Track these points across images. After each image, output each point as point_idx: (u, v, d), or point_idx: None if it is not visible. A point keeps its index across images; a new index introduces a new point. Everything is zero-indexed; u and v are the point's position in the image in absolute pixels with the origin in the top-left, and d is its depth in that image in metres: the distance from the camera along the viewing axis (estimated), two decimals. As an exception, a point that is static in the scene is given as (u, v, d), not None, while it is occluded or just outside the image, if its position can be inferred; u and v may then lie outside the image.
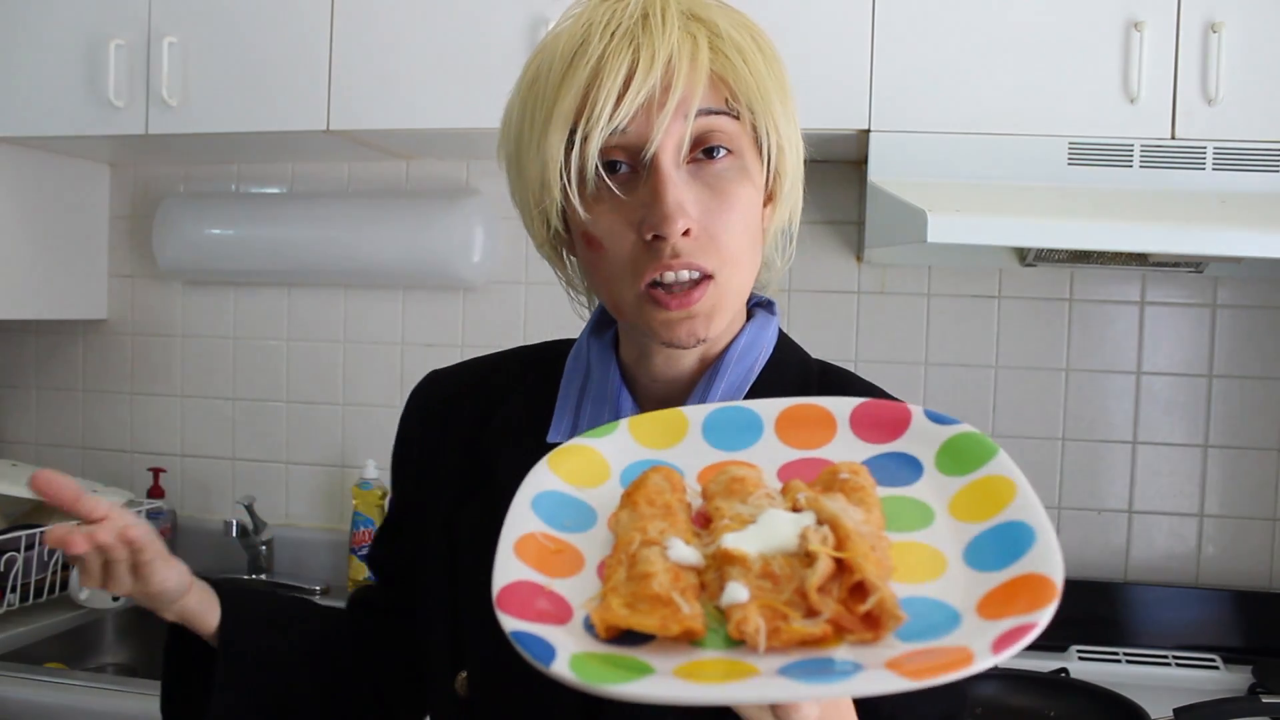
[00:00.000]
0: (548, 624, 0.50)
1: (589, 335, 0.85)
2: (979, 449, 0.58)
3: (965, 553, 0.52)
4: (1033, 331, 1.94)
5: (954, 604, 0.49)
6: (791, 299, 2.00)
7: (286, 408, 2.25)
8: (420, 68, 1.78)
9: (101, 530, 0.75)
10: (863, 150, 1.70)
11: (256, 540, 2.12)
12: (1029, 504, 0.53)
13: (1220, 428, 1.90)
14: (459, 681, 0.80)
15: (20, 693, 1.60)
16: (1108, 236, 1.45)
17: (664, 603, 0.49)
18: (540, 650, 0.48)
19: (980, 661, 0.44)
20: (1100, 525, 1.93)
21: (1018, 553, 0.51)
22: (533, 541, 0.55)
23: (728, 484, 0.57)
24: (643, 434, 0.64)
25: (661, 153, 0.70)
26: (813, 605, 0.48)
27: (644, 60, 0.68)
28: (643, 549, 0.52)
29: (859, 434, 0.62)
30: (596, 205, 0.72)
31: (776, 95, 0.73)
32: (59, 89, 1.93)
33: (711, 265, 0.71)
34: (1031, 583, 0.49)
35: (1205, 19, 1.56)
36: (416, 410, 0.92)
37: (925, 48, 1.64)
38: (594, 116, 0.68)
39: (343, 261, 2.11)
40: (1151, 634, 1.83)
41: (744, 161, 0.73)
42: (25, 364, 2.39)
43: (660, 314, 0.72)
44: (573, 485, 0.60)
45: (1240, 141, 1.56)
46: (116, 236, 2.33)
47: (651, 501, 0.56)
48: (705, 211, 0.71)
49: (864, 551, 0.49)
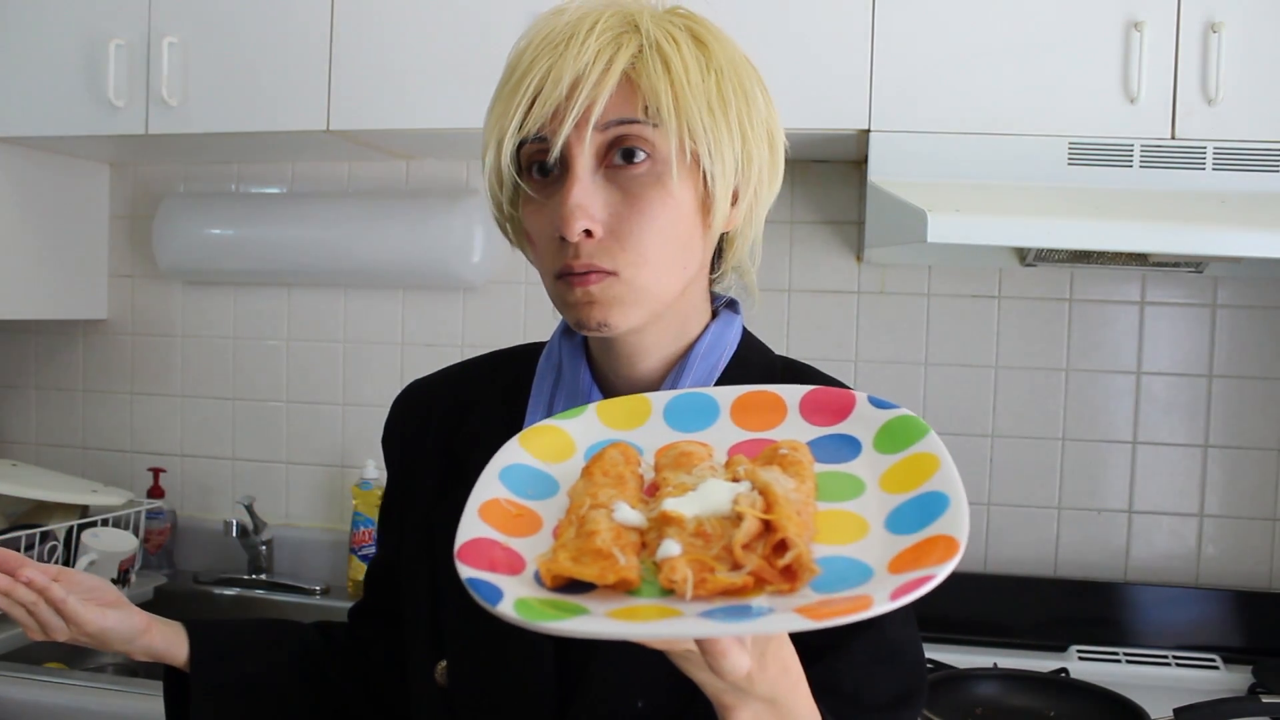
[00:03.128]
0: (500, 574, 0.56)
1: (560, 336, 0.88)
2: (912, 429, 0.63)
3: (887, 520, 0.58)
4: (1033, 331, 1.94)
5: (869, 562, 0.54)
6: (791, 299, 2.00)
7: (286, 408, 2.25)
8: (420, 68, 1.78)
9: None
10: (863, 150, 1.70)
11: (256, 540, 2.12)
12: (949, 477, 0.58)
13: (1220, 428, 1.90)
14: (439, 671, 0.83)
15: (20, 693, 1.60)
16: (1108, 236, 1.45)
17: (604, 556, 0.53)
18: (489, 593, 0.53)
19: (877, 607, 0.49)
20: (1100, 525, 1.93)
21: (931, 517, 0.56)
22: (496, 506, 0.61)
23: (676, 458, 0.63)
24: (609, 416, 0.70)
25: (568, 159, 0.74)
26: (737, 559, 0.52)
27: (554, 73, 0.73)
28: (591, 511, 0.57)
29: (807, 418, 0.68)
30: (527, 205, 0.78)
31: (709, 101, 0.74)
32: (59, 89, 1.93)
33: (613, 265, 0.75)
34: (938, 542, 0.53)
35: (1205, 19, 1.56)
36: (396, 418, 0.95)
37: (925, 48, 1.64)
38: (510, 125, 0.74)
39: (343, 261, 2.11)
40: (1151, 634, 1.83)
41: (663, 169, 0.75)
42: (25, 364, 2.39)
43: (569, 295, 0.76)
44: (539, 460, 0.66)
45: (1240, 141, 1.56)
46: (116, 236, 2.33)
47: (606, 472, 0.61)
48: (614, 215, 0.75)
49: (788, 514, 0.54)
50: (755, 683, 0.59)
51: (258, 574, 2.13)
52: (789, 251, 2.00)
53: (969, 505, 0.56)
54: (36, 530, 1.89)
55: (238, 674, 0.90)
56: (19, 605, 0.84)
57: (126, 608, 0.87)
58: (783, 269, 2.00)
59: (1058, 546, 1.94)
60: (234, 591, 2.11)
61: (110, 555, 1.91)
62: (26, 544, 1.85)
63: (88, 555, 1.88)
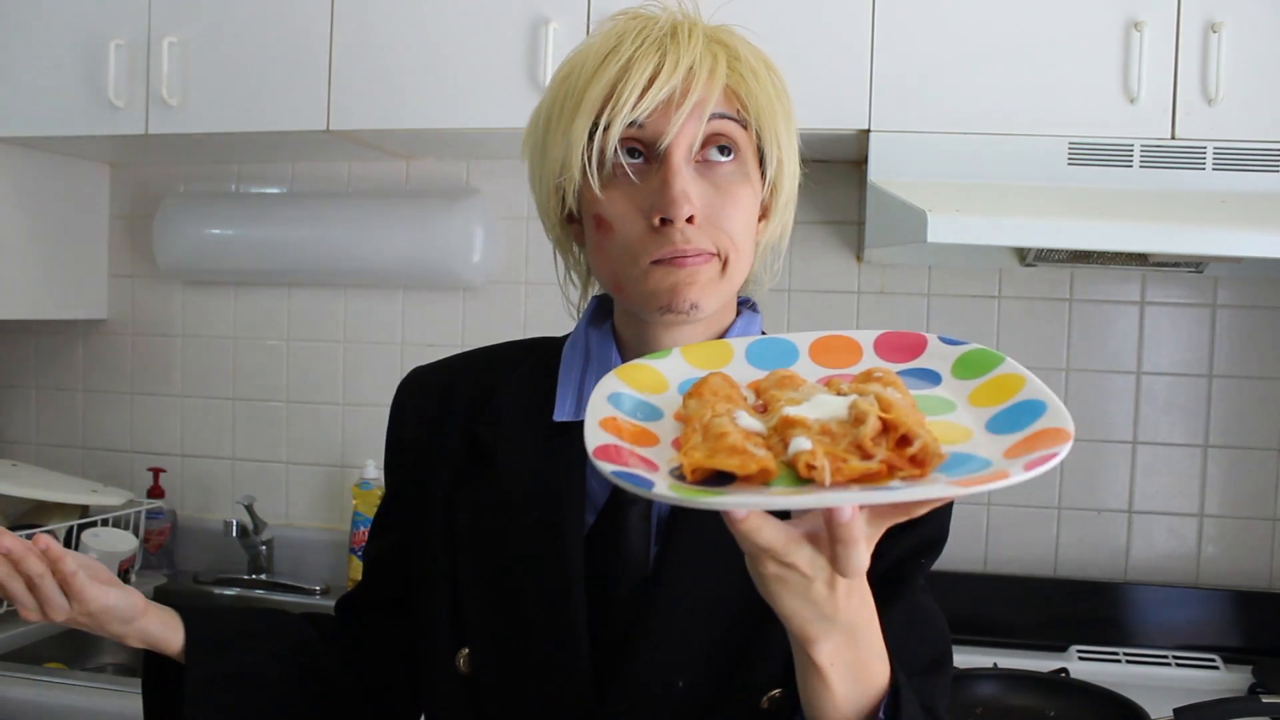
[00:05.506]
0: (642, 469, 0.57)
1: (586, 326, 0.89)
2: (989, 358, 0.65)
3: (987, 425, 0.60)
4: (1033, 331, 1.94)
5: (984, 455, 0.57)
6: (791, 299, 2.00)
7: (286, 408, 2.25)
8: (420, 68, 1.78)
9: (5, 537, 0.78)
10: (863, 150, 1.70)
11: (256, 540, 2.12)
12: (1038, 388, 0.61)
13: (1220, 428, 1.90)
14: (461, 659, 0.83)
15: (20, 693, 1.60)
16: (1108, 236, 1.45)
17: (739, 450, 0.55)
18: (640, 481, 0.54)
19: (1014, 477, 0.52)
20: (1100, 525, 1.93)
21: (1033, 418, 0.58)
22: (612, 423, 0.62)
23: (779, 380, 0.65)
24: (694, 358, 0.71)
25: (674, 146, 0.77)
26: (867, 450, 0.55)
27: (669, 64, 0.76)
28: (714, 419, 0.58)
29: (882, 356, 0.70)
30: (610, 189, 0.79)
31: (782, 118, 0.82)
32: (59, 89, 1.93)
33: (715, 247, 0.78)
34: (1049, 432, 0.56)
35: (1205, 19, 1.56)
36: (409, 402, 0.94)
37: (925, 48, 1.64)
38: (618, 106, 0.76)
39: (343, 261, 2.11)
40: (1151, 634, 1.83)
41: (747, 168, 0.80)
42: (25, 364, 2.39)
43: (668, 278, 0.77)
44: (638, 390, 0.67)
45: (1240, 141, 1.56)
46: (116, 236, 2.33)
47: (715, 392, 0.63)
48: (708, 204, 0.78)
49: (906, 412, 0.57)
50: (840, 609, 0.61)
51: (258, 574, 2.13)
52: (789, 251, 2.00)
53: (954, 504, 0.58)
54: (36, 530, 1.89)
55: (235, 664, 0.88)
56: (20, 579, 0.79)
57: (125, 587, 0.85)
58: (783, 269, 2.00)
59: (1058, 546, 1.94)
60: (234, 591, 2.11)
61: (110, 555, 1.92)
62: (26, 544, 1.85)
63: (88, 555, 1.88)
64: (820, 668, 0.64)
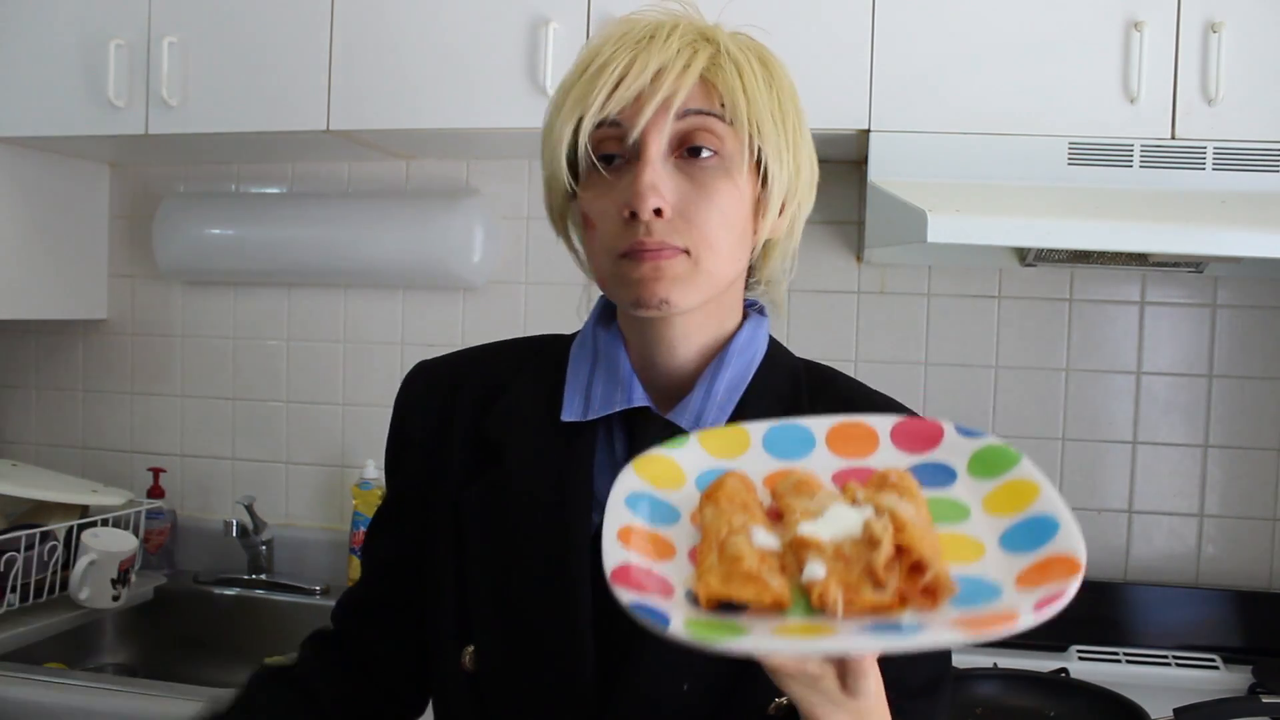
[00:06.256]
0: (655, 596, 0.58)
1: (594, 325, 0.90)
2: (1005, 457, 0.66)
3: (1000, 540, 0.61)
4: (1033, 331, 1.94)
5: (995, 580, 0.57)
6: (791, 299, 2.00)
7: (286, 408, 2.25)
8: (420, 68, 1.78)
9: None
10: (863, 150, 1.70)
11: (256, 540, 2.12)
12: (1052, 499, 0.61)
13: (1220, 428, 1.90)
14: (467, 656, 0.84)
15: (20, 693, 1.59)
16: (1108, 236, 1.45)
17: (754, 578, 0.56)
18: (657, 617, 0.55)
19: (1024, 620, 0.52)
20: (1100, 525, 1.93)
21: (1045, 538, 0.59)
22: (630, 532, 0.63)
23: (795, 485, 0.66)
24: (711, 445, 0.72)
25: (645, 142, 0.78)
26: (879, 579, 0.55)
27: (639, 63, 0.78)
28: (730, 536, 0.59)
29: (899, 446, 0.70)
30: (591, 188, 0.81)
31: (772, 112, 0.81)
32: (59, 89, 1.93)
33: (684, 243, 0.78)
34: (1060, 560, 0.57)
35: (1205, 19, 1.56)
36: (416, 397, 0.94)
37: (925, 48, 1.64)
38: (589, 106, 0.78)
39: (343, 261, 2.11)
40: (1151, 634, 1.83)
41: (730, 165, 0.80)
42: (25, 364, 2.39)
43: (634, 272, 0.78)
44: (656, 487, 0.68)
45: (1240, 141, 1.56)
46: (116, 236, 2.33)
47: (731, 499, 0.63)
48: (683, 198, 0.78)
49: (919, 535, 0.57)
50: (850, 697, 0.63)
51: (258, 574, 2.13)
52: (789, 251, 2.00)
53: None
54: (36, 530, 1.89)
55: None
56: None
57: None
58: (783, 269, 2.00)
59: (1058, 546, 1.94)
60: (234, 591, 2.11)
61: (110, 555, 1.91)
62: (26, 544, 1.85)
63: (88, 555, 1.88)
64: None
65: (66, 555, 1.94)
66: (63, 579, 1.92)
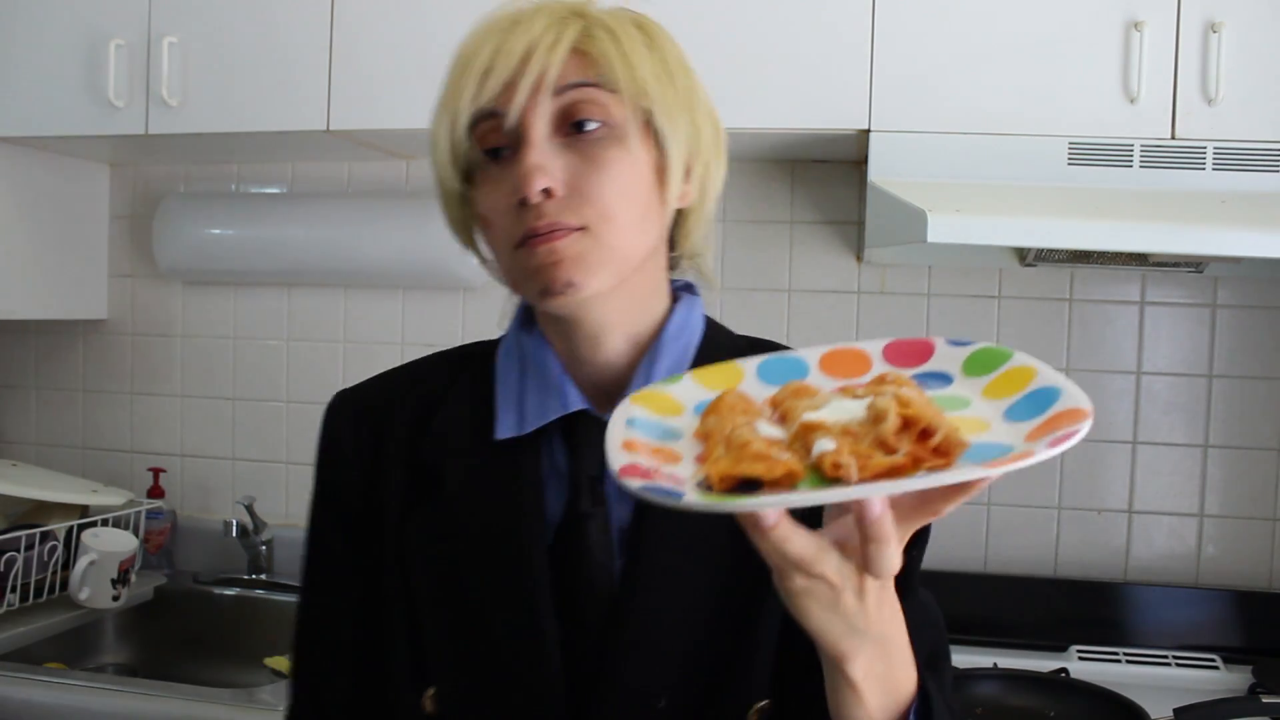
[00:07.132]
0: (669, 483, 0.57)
1: (517, 330, 0.87)
2: (998, 355, 0.66)
3: (1005, 414, 0.60)
4: (1033, 331, 1.94)
5: (1005, 442, 0.57)
6: (791, 299, 2.00)
7: (286, 408, 2.25)
8: (420, 68, 1.78)
9: None
10: (863, 150, 1.70)
11: (256, 540, 2.12)
12: (1051, 375, 0.61)
13: (1220, 428, 1.90)
14: (427, 699, 0.79)
15: (20, 693, 1.59)
16: (1108, 236, 1.45)
17: (764, 456, 0.55)
18: (669, 493, 0.54)
19: (1040, 454, 0.53)
20: (1100, 525, 1.93)
21: (1049, 403, 0.59)
22: (634, 444, 0.61)
23: (794, 391, 0.65)
24: (706, 380, 0.71)
25: (525, 126, 0.74)
26: (890, 446, 0.55)
27: (505, 49, 0.75)
28: (736, 430, 0.58)
29: (892, 363, 0.69)
30: (481, 186, 0.78)
31: (656, 73, 0.76)
32: (59, 89, 1.93)
33: (579, 220, 0.74)
34: (1067, 413, 0.57)
35: (1205, 19, 1.56)
36: (344, 428, 0.88)
37: (925, 48, 1.64)
38: (461, 102, 0.75)
39: (343, 261, 2.11)
40: (1151, 634, 1.83)
41: (621, 133, 0.75)
42: (25, 364, 2.39)
43: (531, 259, 0.74)
44: (655, 414, 0.67)
45: (1240, 141, 1.56)
46: (116, 236, 2.33)
47: (732, 407, 0.62)
48: (574, 175, 0.74)
49: (925, 405, 0.57)
50: (871, 621, 0.60)
51: (258, 574, 2.13)
52: (789, 251, 2.00)
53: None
54: (36, 530, 1.89)
55: None
56: None
57: None
58: (783, 269, 2.00)
59: (1058, 546, 1.94)
60: (234, 591, 2.11)
61: (110, 555, 1.91)
62: (26, 544, 1.85)
63: (88, 555, 1.88)
64: (854, 683, 0.62)
65: (66, 555, 1.94)
66: (63, 579, 1.92)
